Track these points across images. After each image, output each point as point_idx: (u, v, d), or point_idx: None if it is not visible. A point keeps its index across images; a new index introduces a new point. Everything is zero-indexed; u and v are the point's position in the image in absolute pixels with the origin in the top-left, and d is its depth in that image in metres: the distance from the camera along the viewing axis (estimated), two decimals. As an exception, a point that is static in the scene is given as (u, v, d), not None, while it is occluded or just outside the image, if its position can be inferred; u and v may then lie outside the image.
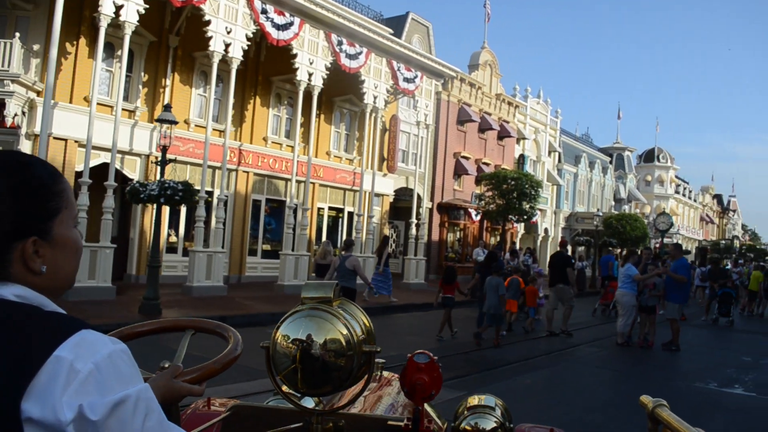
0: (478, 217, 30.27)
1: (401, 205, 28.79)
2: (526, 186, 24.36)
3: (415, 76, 22.86)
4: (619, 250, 38.92)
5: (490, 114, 32.84)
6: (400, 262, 27.44)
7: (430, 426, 2.04)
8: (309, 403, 2.00)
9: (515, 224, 33.49)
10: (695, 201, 73.28)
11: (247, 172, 20.66)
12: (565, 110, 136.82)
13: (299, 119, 19.55)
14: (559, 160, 41.93)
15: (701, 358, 12.52)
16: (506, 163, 33.60)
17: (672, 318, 12.98)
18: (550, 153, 40.39)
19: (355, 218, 21.67)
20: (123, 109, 17.55)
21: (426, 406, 2.16)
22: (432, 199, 29.42)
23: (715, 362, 12.03)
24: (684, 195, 67.91)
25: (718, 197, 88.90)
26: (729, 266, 28.33)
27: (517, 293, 14.11)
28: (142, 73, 18.10)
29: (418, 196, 27.15)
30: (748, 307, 22.56)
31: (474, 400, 2.31)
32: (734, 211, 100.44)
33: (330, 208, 24.29)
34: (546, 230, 40.42)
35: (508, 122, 34.49)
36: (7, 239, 1.03)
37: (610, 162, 51.60)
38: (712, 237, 77.51)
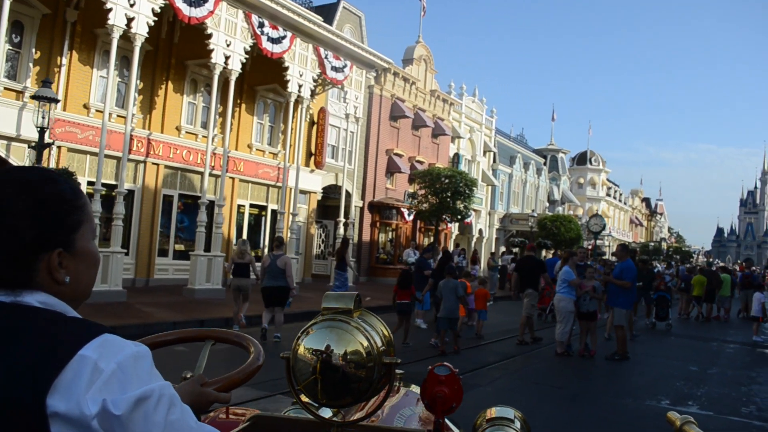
0: (411, 217, 29.02)
1: (330, 203, 27.28)
2: (461, 184, 23.25)
3: (345, 66, 21.40)
4: (552, 252, 38.53)
5: (424, 110, 31.71)
6: (328, 264, 25.98)
7: None
8: (327, 413, 2.00)
9: (449, 224, 32.52)
10: (625, 204, 74.49)
11: (157, 165, 18.74)
12: (501, 110, 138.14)
13: (214, 107, 17.78)
14: (494, 161, 41.24)
15: (646, 369, 11.51)
16: (441, 161, 32.54)
17: (619, 325, 11.95)
18: (485, 153, 39.62)
19: (279, 216, 20.01)
20: (6, 89, 15.48)
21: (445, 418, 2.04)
22: (363, 198, 28.04)
23: (661, 373, 11.03)
24: (615, 198, 68.86)
25: (646, 200, 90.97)
26: (659, 268, 27.81)
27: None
28: (33, 50, 15.99)
29: (348, 193, 25.72)
30: (684, 310, 22.02)
31: (493, 412, 2.21)
32: (661, 214, 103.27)
33: (252, 206, 22.56)
34: (480, 231, 39.64)
35: (442, 120, 33.44)
36: (35, 251, 1.07)
37: (545, 163, 51.44)
38: (641, 239, 79.02)
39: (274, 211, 22.80)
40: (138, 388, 0.97)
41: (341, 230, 22.75)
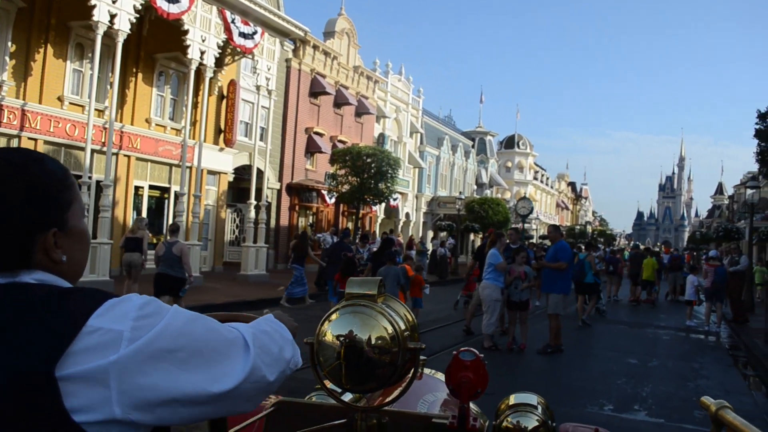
0: (333, 200, 27.31)
1: (245, 185, 25.25)
2: (384, 164, 21.65)
3: (255, 32, 19.39)
4: (480, 235, 37.64)
5: (347, 88, 29.96)
6: (241, 251, 24.03)
7: (476, 424, 1.96)
8: (350, 399, 1.96)
9: (373, 208, 31.00)
10: (552, 188, 74.93)
11: (35, 140, 16.33)
12: (428, 91, 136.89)
13: (96, 73, 15.58)
14: (421, 142, 39.94)
15: (582, 363, 10.26)
16: (365, 141, 30.82)
17: (553, 314, 10.63)
18: (411, 134, 38.25)
19: (181, 199, 17.95)
20: None
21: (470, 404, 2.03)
22: (280, 180, 26.12)
23: (599, 369, 9.79)
24: (542, 182, 69.02)
25: (572, 185, 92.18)
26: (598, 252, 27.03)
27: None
28: None
29: (261, 173, 23.83)
30: (615, 294, 21.18)
31: (515, 398, 2.28)
32: (586, 198, 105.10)
33: (152, 188, 20.34)
34: (407, 215, 38.34)
35: (367, 98, 31.79)
36: (30, 232, 1.06)
37: (473, 146, 50.58)
38: (567, 222, 79.86)
39: (178, 194, 20.68)
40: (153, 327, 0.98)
41: (252, 214, 20.81)
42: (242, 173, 24.30)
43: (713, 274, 14.25)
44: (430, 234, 40.17)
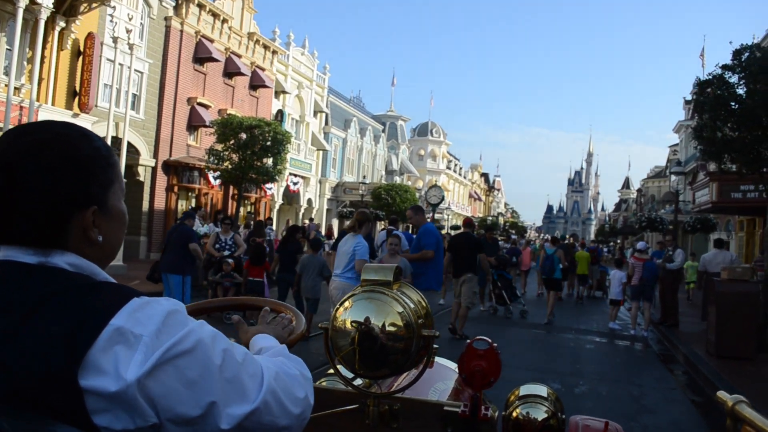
0: (218, 181, 24.20)
1: (113, 161, 21.93)
2: (270, 139, 18.79)
3: (112, -27, 16.17)
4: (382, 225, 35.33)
5: (240, 56, 26.85)
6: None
7: (487, 413, 1.94)
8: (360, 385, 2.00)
9: (268, 191, 28.12)
10: (465, 178, 73.80)
11: None
12: (336, 69, 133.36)
13: None
14: (327, 123, 37.22)
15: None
16: (261, 117, 27.83)
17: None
18: (316, 113, 35.46)
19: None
20: None
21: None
22: (156, 156, 22.80)
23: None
24: (455, 171, 67.65)
25: (485, 176, 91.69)
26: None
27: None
28: None
29: (132, 147, 20.59)
30: (576, 291, 19.39)
31: (525, 389, 2.29)
32: (498, 189, 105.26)
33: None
34: (310, 201, 35.59)
35: (264, 70, 28.77)
36: (70, 208, 1.03)
37: (383, 131, 48.27)
38: (479, 213, 79.09)
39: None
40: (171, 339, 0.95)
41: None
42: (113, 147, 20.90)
43: (641, 270, 12.32)
44: (336, 222, 37.62)
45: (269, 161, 19.25)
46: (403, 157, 51.60)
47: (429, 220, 38.44)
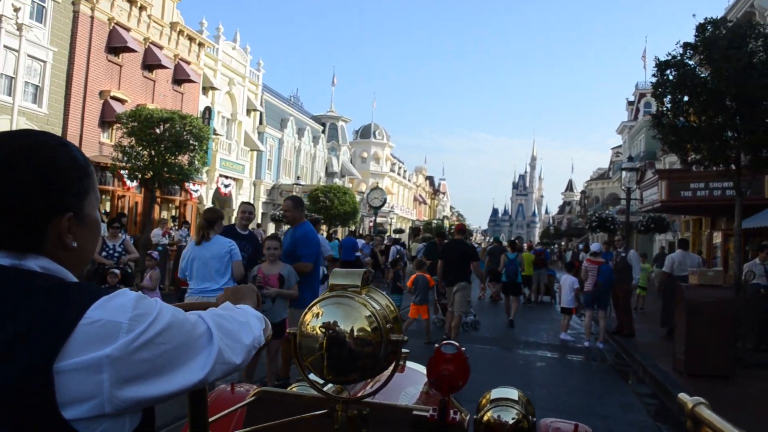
0: (135, 183, 21.98)
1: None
2: (183, 132, 16.83)
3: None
4: (322, 229, 33.57)
5: (161, 48, 24.76)
6: None
7: (456, 417, 1.94)
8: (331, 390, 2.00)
9: (193, 193, 26.07)
10: (409, 181, 72.59)
11: None
12: (270, 66, 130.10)
13: None
14: (261, 122, 35.25)
15: None
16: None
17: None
18: (249, 112, 33.47)
19: None
20: None
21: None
22: (63, 154, 20.50)
23: None
24: (399, 174, 66.32)
25: (430, 179, 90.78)
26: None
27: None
28: None
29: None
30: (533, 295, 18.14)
31: (496, 393, 2.30)
32: (444, 193, 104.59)
33: None
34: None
35: (189, 63, 26.72)
36: (47, 214, 1.07)
37: (323, 131, 46.50)
38: (425, 217, 78.00)
39: None
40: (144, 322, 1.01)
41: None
42: None
43: (596, 274, 10.94)
44: (272, 226, 35.66)
45: (184, 158, 17.29)
46: (345, 159, 49.93)
47: (371, 224, 36.71)
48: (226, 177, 30.21)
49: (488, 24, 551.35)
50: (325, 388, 1.90)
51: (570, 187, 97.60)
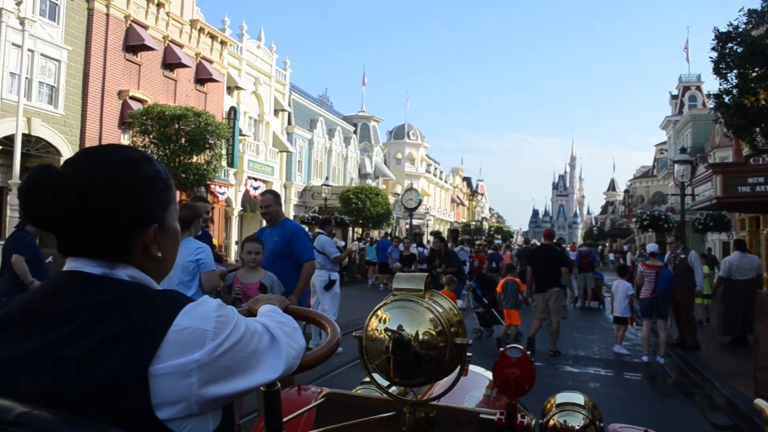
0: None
1: (34, 162, 18.88)
2: (198, 129, 15.78)
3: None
4: (356, 231, 32.40)
5: (181, 46, 23.94)
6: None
7: (524, 421, 1.95)
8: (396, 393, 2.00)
9: (220, 196, 25.16)
10: (446, 182, 71.08)
11: None
12: (297, 66, 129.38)
13: None
14: (290, 123, 34.30)
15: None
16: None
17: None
18: (277, 112, 32.56)
19: None
20: None
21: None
22: (80, 157, 19.74)
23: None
24: (435, 175, 64.90)
25: (467, 180, 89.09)
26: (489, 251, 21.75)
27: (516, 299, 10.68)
28: None
29: (51, 147, 17.71)
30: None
31: (561, 398, 2.27)
32: (482, 194, 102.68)
33: None
34: (273, 208, 32.55)
35: (211, 62, 25.86)
36: (134, 226, 1.13)
37: (355, 132, 45.40)
38: (463, 219, 76.39)
39: None
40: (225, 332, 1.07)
41: (14, 201, 14.61)
42: (25, 145, 17.88)
43: (654, 279, 9.45)
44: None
45: (202, 158, 16.28)
46: (378, 160, 48.76)
47: (407, 226, 35.39)
48: (255, 179, 29.30)
49: (524, 23, 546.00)
50: (391, 391, 1.92)
51: (612, 186, 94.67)
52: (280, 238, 5.77)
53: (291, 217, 33.61)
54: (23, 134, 17.79)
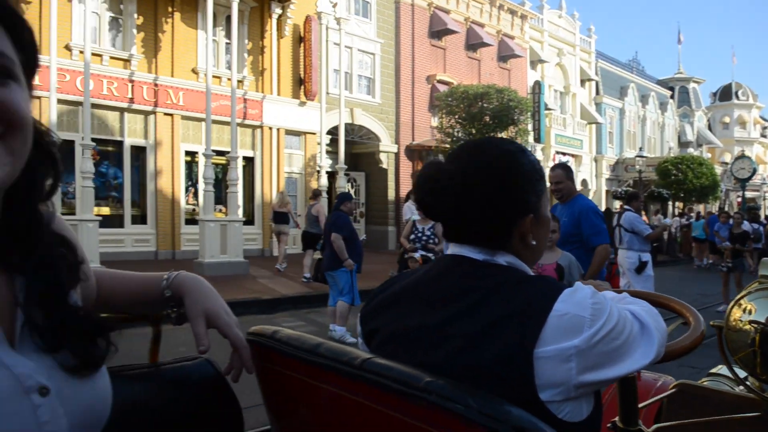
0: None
1: (358, 150, 21.08)
2: (501, 106, 15.79)
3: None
4: (675, 205, 29.60)
5: (482, 26, 24.34)
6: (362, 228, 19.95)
7: None
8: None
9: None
10: (788, 146, 61.41)
11: (41, 98, 13.19)
12: (601, 31, 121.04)
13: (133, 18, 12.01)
14: (597, 92, 32.76)
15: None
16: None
17: None
18: (583, 83, 31.36)
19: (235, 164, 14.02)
20: None
21: None
22: (397, 141, 21.35)
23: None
24: (772, 139, 56.52)
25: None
26: None
27: None
28: None
29: (371, 134, 19.46)
30: None
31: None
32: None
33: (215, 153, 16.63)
34: (584, 182, 31.50)
35: (512, 38, 25.86)
36: (514, 216, 1.18)
37: (671, 97, 41.62)
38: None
39: (249, 159, 16.91)
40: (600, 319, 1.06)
41: (340, 184, 16.39)
42: (347, 134, 19.98)
43: None
44: (616, 204, 32.90)
45: (505, 135, 16.38)
46: (700, 126, 44.10)
47: (738, 200, 31.29)
48: (563, 154, 28.65)
49: None
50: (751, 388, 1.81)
51: None
52: (568, 219, 5.28)
53: (603, 192, 32.21)
54: (346, 124, 19.85)
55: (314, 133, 17.86)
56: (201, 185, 14.70)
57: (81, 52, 13.42)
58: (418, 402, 0.91)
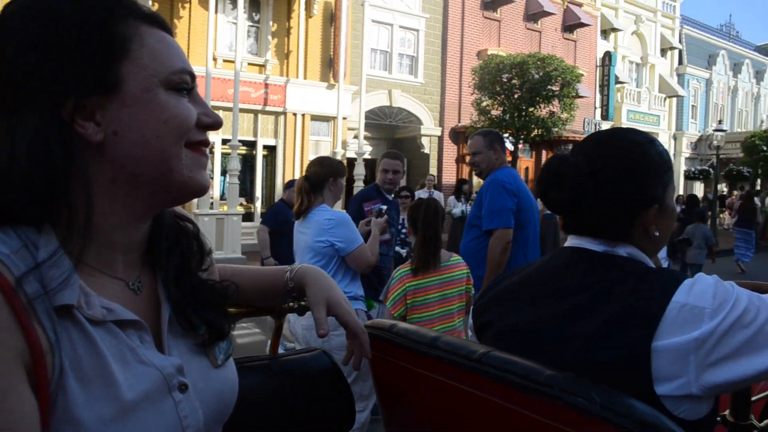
0: (519, 145, 20.08)
1: (401, 134, 19.88)
2: (541, 76, 14.09)
3: None
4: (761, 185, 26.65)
5: (545, -7, 22.26)
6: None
7: None
8: None
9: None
10: None
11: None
12: None
13: None
14: (680, 62, 29.82)
15: None
16: (580, 64, 22.65)
17: None
18: (664, 52, 28.56)
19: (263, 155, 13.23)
20: None
21: None
22: (441, 124, 19.93)
23: None
24: None
25: None
26: None
27: None
28: None
29: (412, 116, 18.29)
30: None
31: None
32: None
33: (242, 142, 15.85)
34: (661, 161, 28.91)
35: (581, 5, 23.57)
36: (638, 207, 1.17)
37: (770, 64, 37.63)
38: None
39: (270, 148, 16.07)
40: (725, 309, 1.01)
41: (358, 171, 15.31)
42: (385, 117, 18.78)
43: None
44: (698, 186, 30.17)
45: (541, 108, 14.77)
46: (805, 96, 39.82)
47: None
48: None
49: None
50: None
51: None
52: (476, 198, 4.06)
53: (681, 172, 29.50)
54: (384, 106, 18.63)
55: (345, 118, 16.73)
56: (210, 175, 14.00)
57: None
58: (539, 396, 0.91)
